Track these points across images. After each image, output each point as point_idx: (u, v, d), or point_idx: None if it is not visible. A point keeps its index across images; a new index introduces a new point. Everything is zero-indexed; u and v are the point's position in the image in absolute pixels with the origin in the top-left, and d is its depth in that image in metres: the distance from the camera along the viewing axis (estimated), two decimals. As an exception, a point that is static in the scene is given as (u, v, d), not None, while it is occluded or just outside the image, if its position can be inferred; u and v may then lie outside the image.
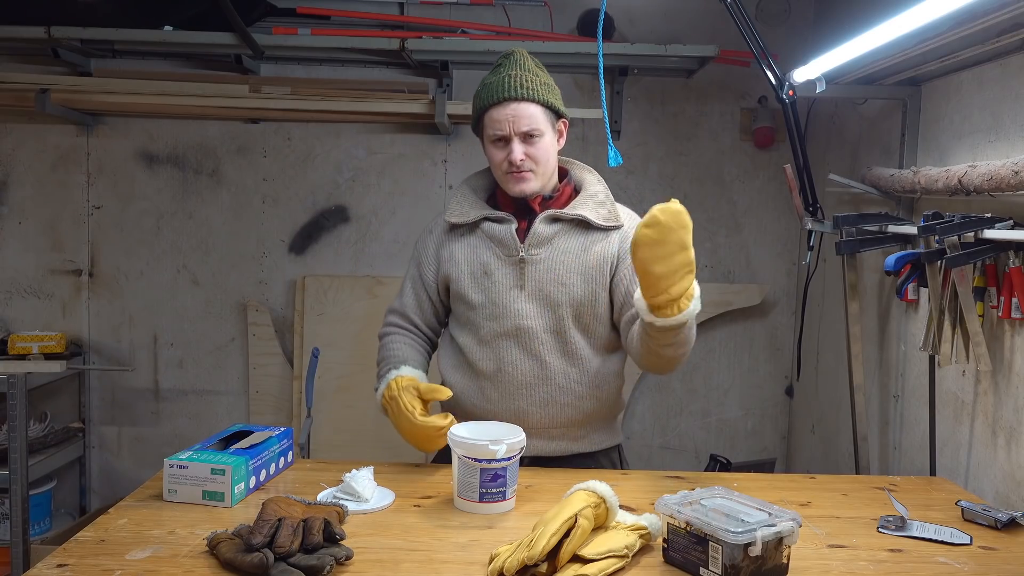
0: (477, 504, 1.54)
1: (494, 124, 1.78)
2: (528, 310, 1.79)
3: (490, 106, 1.77)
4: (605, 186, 1.90)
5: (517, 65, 1.80)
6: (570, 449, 1.86)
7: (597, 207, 1.84)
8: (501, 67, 1.81)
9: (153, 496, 1.58)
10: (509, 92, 1.76)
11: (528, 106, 1.77)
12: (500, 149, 1.79)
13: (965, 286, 1.87)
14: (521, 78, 1.78)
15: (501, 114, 1.76)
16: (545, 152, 1.80)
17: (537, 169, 1.80)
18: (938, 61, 2.16)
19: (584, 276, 1.80)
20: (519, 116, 1.76)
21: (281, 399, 3.38)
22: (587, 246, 1.81)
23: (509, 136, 1.77)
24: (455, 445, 1.55)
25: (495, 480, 1.53)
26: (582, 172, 1.94)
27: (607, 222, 1.82)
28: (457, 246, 1.86)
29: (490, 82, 1.80)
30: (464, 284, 1.84)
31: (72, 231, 3.39)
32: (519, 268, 1.80)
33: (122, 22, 3.02)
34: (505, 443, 1.52)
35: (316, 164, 3.40)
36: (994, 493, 1.89)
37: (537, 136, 1.78)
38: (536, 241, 1.80)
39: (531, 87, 1.77)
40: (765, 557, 1.25)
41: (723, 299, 3.38)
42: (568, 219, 1.82)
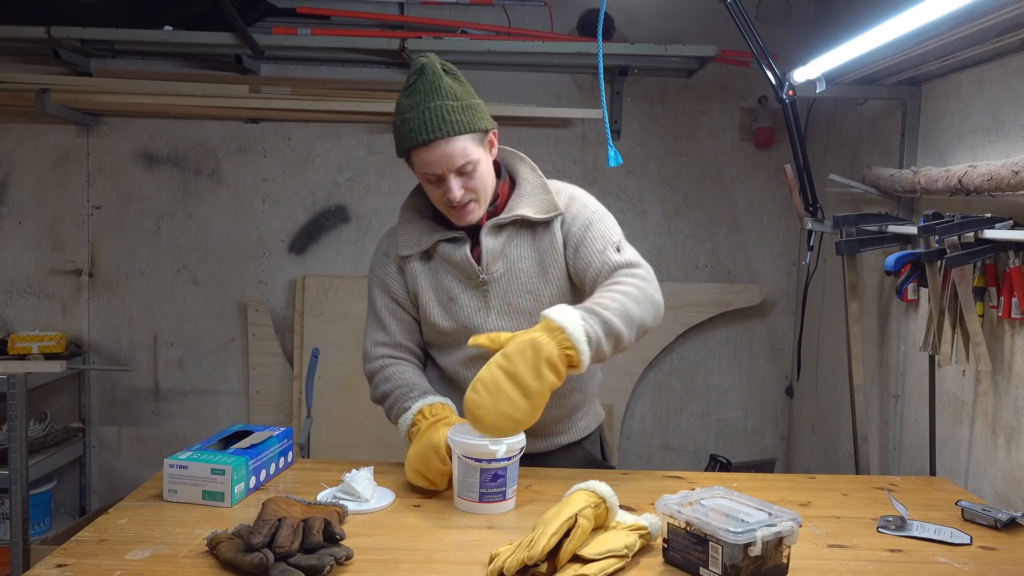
0: (477, 504, 1.53)
1: (424, 165, 1.65)
2: (500, 327, 1.74)
3: (415, 147, 1.64)
4: (537, 172, 1.79)
5: (433, 91, 1.63)
6: (557, 443, 1.87)
7: (534, 201, 1.74)
8: (415, 92, 1.65)
9: (153, 496, 1.58)
10: (434, 132, 1.61)
11: (456, 142, 1.63)
12: (436, 187, 1.68)
13: (965, 286, 1.87)
14: (442, 110, 1.62)
15: (430, 156, 1.63)
16: (484, 179, 1.69)
17: (479, 197, 1.69)
18: (938, 61, 2.16)
19: (545, 277, 1.75)
20: (450, 155, 1.63)
21: (281, 399, 3.38)
22: (537, 245, 1.75)
23: (443, 175, 1.65)
24: (455, 445, 1.53)
25: (495, 480, 1.53)
26: (516, 163, 1.82)
27: (547, 214, 1.73)
28: (419, 272, 1.79)
29: (410, 117, 1.63)
30: (433, 312, 1.78)
31: (72, 231, 3.39)
32: (482, 290, 1.75)
33: (122, 22, 3.02)
34: (505, 443, 1.52)
35: (316, 164, 3.40)
36: (994, 493, 1.89)
37: (472, 168, 1.66)
38: (491, 257, 1.73)
39: (455, 120, 1.63)
40: (765, 557, 1.25)
41: (723, 299, 3.38)
42: (509, 223, 1.74)
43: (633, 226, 3.39)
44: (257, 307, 3.37)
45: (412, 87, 1.66)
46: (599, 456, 1.97)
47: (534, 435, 1.82)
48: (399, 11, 3.28)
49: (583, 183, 3.40)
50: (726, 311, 3.39)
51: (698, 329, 3.42)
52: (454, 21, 3.23)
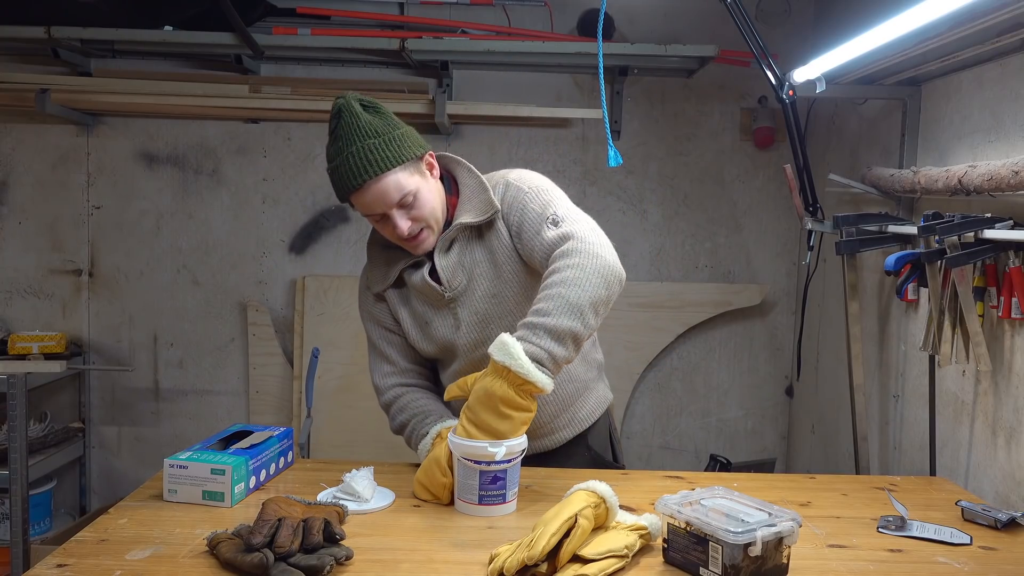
0: (476, 506, 1.53)
1: (365, 207, 1.64)
2: (476, 338, 1.73)
3: (350, 193, 1.62)
4: (475, 173, 1.74)
5: (353, 132, 1.60)
6: (564, 436, 1.85)
7: (474, 205, 1.71)
8: (337, 138, 1.62)
9: (153, 496, 1.58)
10: (362, 176, 1.59)
11: (387, 179, 1.60)
12: (383, 224, 1.67)
13: (965, 286, 1.87)
14: (365, 150, 1.59)
15: (365, 198, 1.61)
16: (427, 204, 1.66)
17: (429, 223, 1.67)
18: (938, 61, 2.16)
19: (503, 278, 1.71)
20: (385, 193, 1.60)
21: (281, 399, 3.38)
22: (487, 246, 1.71)
23: (385, 212, 1.63)
24: (455, 447, 1.53)
25: (494, 482, 1.53)
26: (454, 168, 1.79)
27: (485, 214, 1.69)
28: (395, 301, 1.80)
29: (336, 165, 1.62)
30: (414, 337, 1.79)
31: (72, 231, 3.39)
32: (450, 309, 1.74)
33: (122, 22, 3.02)
34: (504, 445, 1.51)
35: (316, 164, 3.40)
36: (994, 493, 1.89)
37: (412, 199, 1.63)
38: (449, 273, 1.71)
39: (380, 157, 1.60)
40: (765, 557, 1.25)
41: (723, 299, 3.38)
42: (456, 234, 1.71)
43: (633, 226, 3.39)
44: (257, 307, 3.37)
45: (334, 133, 1.63)
46: (608, 456, 1.94)
47: (534, 435, 1.81)
48: (399, 11, 3.28)
49: (583, 183, 3.43)
50: (726, 311, 3.39)
51: (698, 329, 3.42)
52: (454, 21, 3.23)
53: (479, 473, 1.52)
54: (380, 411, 1.85)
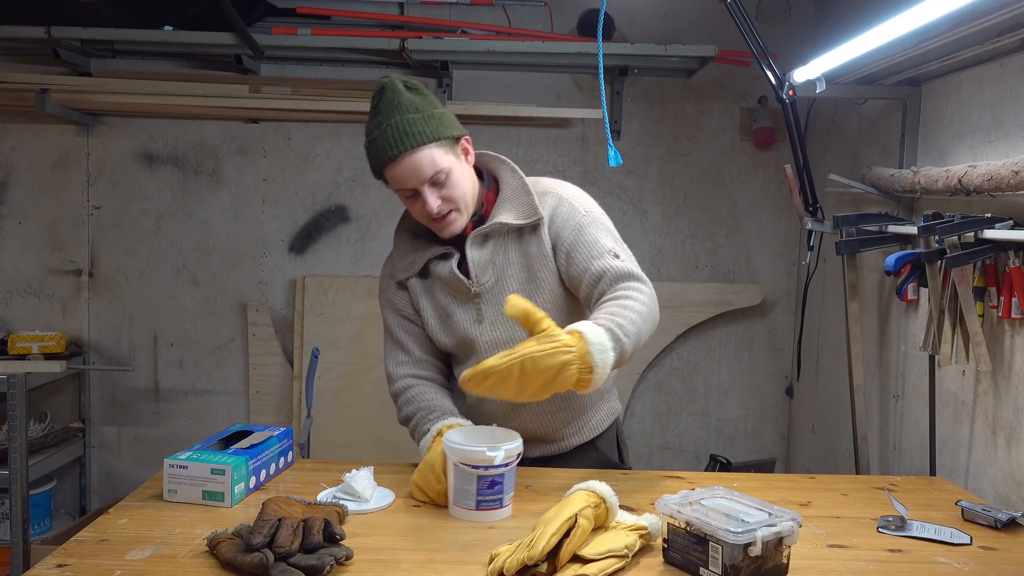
0: (474, 512, 1.51)
1: (396, 182, 1.65)
2: (497, 338, 1.72)
3: (385, 165, 1.64)
4: (519, 174, 1.75)
5: (393, 108, 1.64)
6: (572, 443, 1.85)
7: (515, 206, 1.71)
8: (377, 112, 1.67)
9: (153, 496, 1.58)
10: (399, 146, 1.61)
11: (423, 152, 1.61)
12: (414, 201, 1.67)
13: (965, 286, 1.87)
14: (402, 124, 1.62)
15: (398, 171, 1.63)
16: (460, 186, 1.66)
17: (458, 205, 1.66)
18: (938, 61, 2.16)
19: (535, 283, 1.71)
20: (419, 167, 1.62)
21: (281, 399, 3.38)
22: (524, 251, 1.71)
23: (418, 188, 1.64)
24: (451, 452, 1.50)
25: (492, 487, 1.50)
26: (496, 166, 1.78)
27: (528, 219, 1.69)
28: (418, 291, 1.78)
29: (374, 137, 1.66)
30: (434, 329, 1.78)
31: (72, 231, 3.39)
32: (475, 303, 1.73)
33: (122, 22, 3.02)
34: (503, 449, 1.49)
35: (316, 164, 3.40)
36: (994, 493, 1.89)
37: (445, 177, 1.64)
38: (479, 269, 1.71)
39: (416, 131, 1.62)
40: (765, 557, 1.25)
41: (723, 299, 3.38)
42: (492, 231, 1.71)
43: (633, 226, 3.39)
44: (257, 307, 3.37)
45: (375, 108, 1.67)
46: (615, 458, 1.94)
47: (545, 439, 1.82)
48: (399, 11, 3.28)
49: (583, 183, 3.39)
50: (726, 311, 3.39)
51: (698, 329, 3.42)
52: (454, 21, 3.23)
53: (477, 478, 1.49)
54: (380, 411, 1.86)
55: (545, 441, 1.82)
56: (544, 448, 1.83)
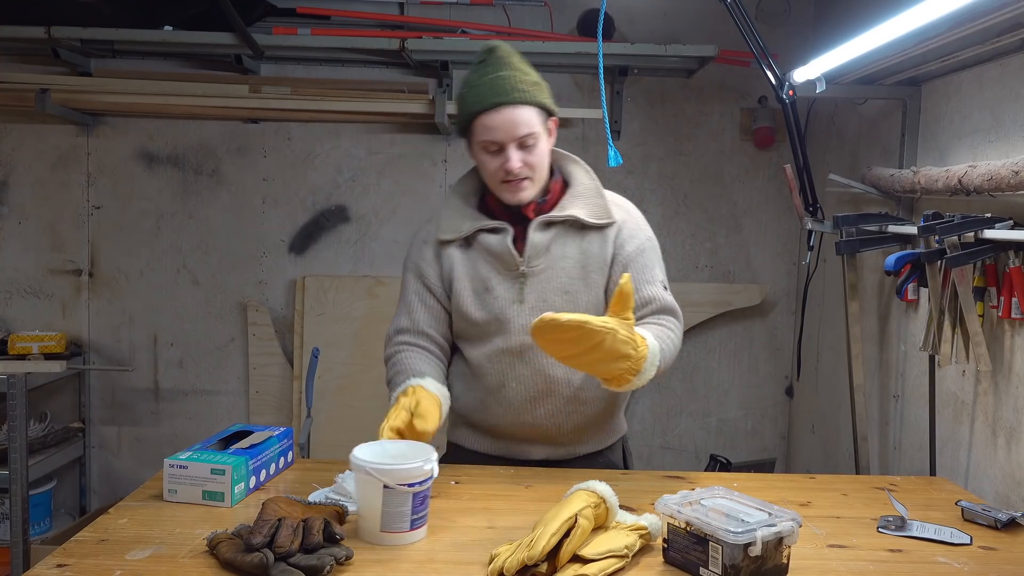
0: (407, 534, 1.38)
1: (487, 131, 1.65)
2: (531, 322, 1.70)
3: (482, 111, 1.65)
4: (593, 177, 1.80)
5: (503, 64, 1.67)
6: (576, 452, 1.84)
7: (588, 204, 1.75)
8: (486, 64, 1.68)
9: (153, 496, 1.58)
10: (503, 96, 1.64)
11: (523, 110, 1.65)
12: (494, 157, 1.67)
13: (965, 286, 1.87)
14: (512, 79, 1.65)
15: (495, 121, 1.64)
16: (542, 157, 1.70)
17: (534, 175, 1.69)
18: (938, 61, 2.16)
19: (586, 281, 1.74)
20: (515, 122, 1.64)
21: (281, 399, 3.38)
22: (584, 248, 1.74)
23: (504, 143, 1.65)
24: (381, 475, 1.34)
25: (424, 503, 1.40)
26: (569, 164, 1.83)
27: (599, 219, 1.74)
28: (456, 259, 1.76)
29: (478, 84, 1.67)
30: (465, 300, 1.75)
31: (72, 231, 3.39)
32: (520, 283, 1.73)
33: (122, 22, 3.03)
34: (433, 456, 1.41)
35: (316, 164, 3.40)
36: (994, 493, 1.89)
37: (533, 142, 1.67)
38: (534, 252, 1.72)
39: (524, 89, 1.66)
40: (765, 557, 1.25)
41: (723, 299, 3.38)
42: (560, 221, 1.74)
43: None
44: (257, 307, 3.37)
45: (482, 63, 1.70)
46: (620, 465, 1.93)
47: (552, 441, 1.81)
48: (399, 11, 3.28)
49: (583, 183, 3.42)
50: (726, 311, 3.39)
51: (698, 329, 3.42)
52: (454, 21, 3.23)
53: (412, 496, 1.37)
54: (380, 411, 1.84)
55: (552, 443, 1.81)
56: (550, 451, 1.82)
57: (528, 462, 1.81)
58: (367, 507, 1.38)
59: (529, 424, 1.77)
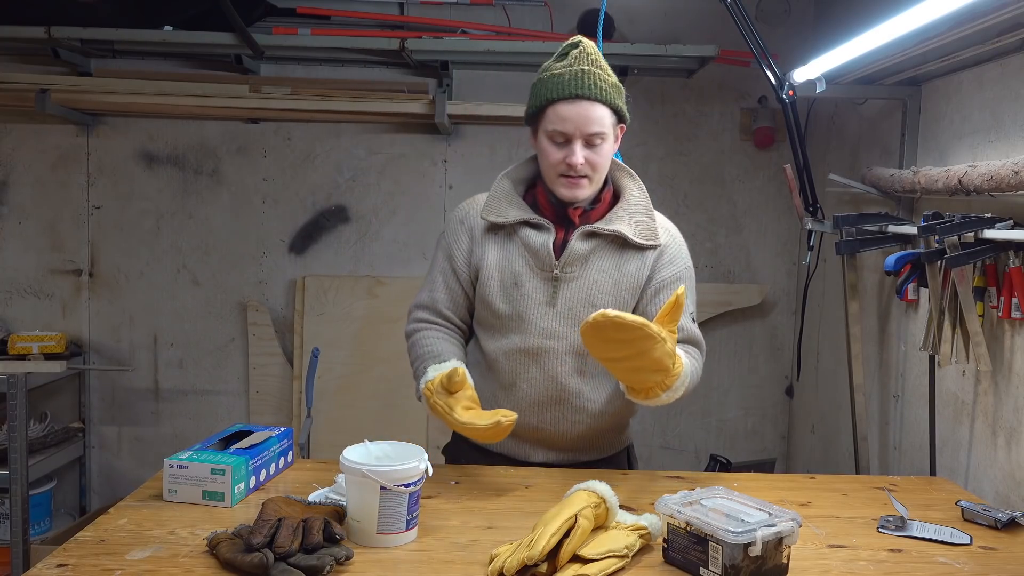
0: (403, 534, 1.38)
1: (559, 120, 1.64)
2: (554, 329, 1.70)
3: (558, 100, 1.64)
4: (645, 194, 1.79)
5: (589, 60, 1.67)
6: (578, 459, 1.82)
7: (636, 222, 1.73)
8: (570, 58, 1.67)
9: (153, 496, 1.58)
10: (583, 90, 1.63)
11: (599, 108, 1.65)
12: (559, 148, 1.66)
13: (965, 286, 1.87)
14: (596, 76, 1.65)
15: (570, 111, 1.63)
16: (605, 159, 1.69)
17: (594, 176, 1.68)
18: (938, 61, 2.16)
19: (616, 298, 1.71)
20: (589, 118, 1.64)
21: (281, 399, 3.38)
22: (621, 265, 1.72)
23: (573, 136, 1.64)
24: (378, 476, 1.34)
25: (417, 502, 1.40)
26: (624, 177, 1.81)
27: (645, 240, 1.72)
28: (490, 246, 1.74)
29: (560, 73, 1.65)
30: (492, 291, 1.73)
31: (72, 231, 3.39)
32: (552, 285, 1.70)
33: (122, 22, 3.03)
34: (424, 455, 1.41)
35: (316, 164, 3.40)
36: (994, 493, 1.89)
37: (601, 142, 1.66)
38: (572, 259, 1.70)
39: (605, 88, 1.66)
40: (765, 557, 1.25)
41: (723, 299, 3.38)
42: (605, 234, 1.71)
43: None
44: (257, 307, 3.37)
45: (566, 55, 1.69)
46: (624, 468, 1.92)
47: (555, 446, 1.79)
48: (399, 11, 3.28)
49: (583, 183, 3.42)
50: (726, 311, 3.39)
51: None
52: (454, 21, 3.23)
53: (408, 497, 1.37)
54: (380, 411, 1.86)
55: (555, 449, 1.79)
56: (551, 456, 1.80)
57: (528, 463, 1.80)
58: (362, 510, 1.37)
59: (534, 427, 1.76)
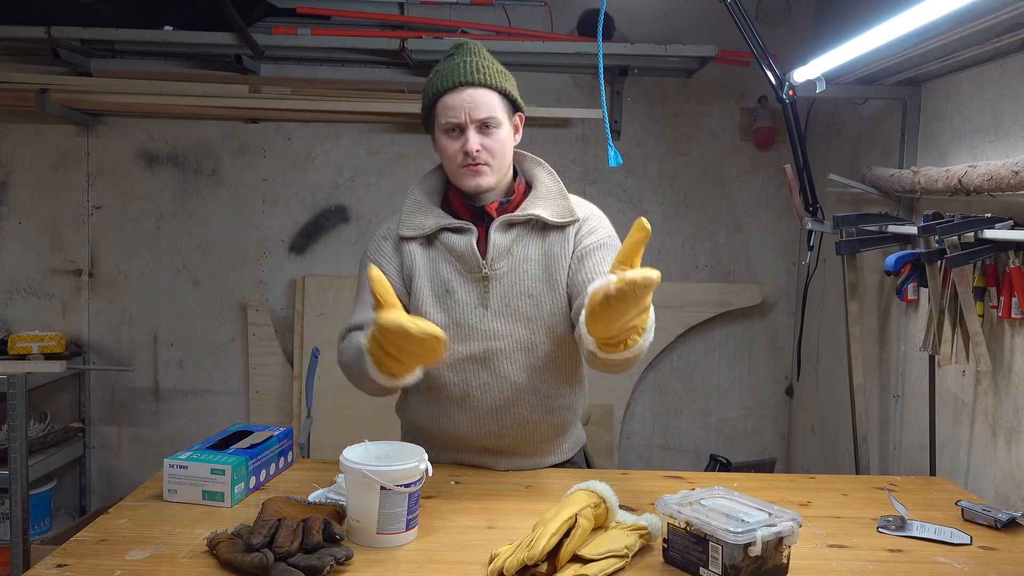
0: (403, 534, 1.39)
1: (448, 111, 1.64)
2: (497, 329, 1.67)
3: (443, 92, 1.65)
4: (556, 179, 1.77)
5: (471, 52, 1.69)
6: (543, 463, 1.80)
7: (550, 204, 1.71)
8: (454, 56, 1.70)
9: (153, 496, 1.58)
10: (464, 77, 1.64)
11: (485, 92, 1.65)
12: (454, 140, 1.65)
13: (965, 286, 1.87)
14: (476, 64, 1.66)
15: (456, 100, 1.64)
16: (502, 144, 1.67)
17: (493, 163, 1.66)
18: (938, 61, 2.16)
19: (550, 284, 1.68)
20: (476, 103, 1.64)
21: (281, 399, 3.38)
22: (546, 249, 1.69)
23: (464, 124, 1.64)
24: (378, 476, 1.34)
25: (417, 502, 1.40)
26: (532, 166, 1.79)
27: (562, 218, 1.70)
28: (416, 256, 1.71)
29: (442, 68, 1.67)
30: (425, 302, 1.69)
31: (72, 231, 3.39)
32: (482, 285, 1.67)
33: (122, 22, 3.03)
34: (424, 455, 1.41)
35: (316, 164, 3.40)
36: (994, 493, 1.89)
37: (494, 126, 1.65)
38: (497, 254, 1.67)
39: (488, 73, 1.66)
40: (765, 557, 1.25)
41: (723, 299, 3.38)
42: (522, 221, 1.69)
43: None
44: (257, 307, 3.37)
45: (451, 55, 1.71)
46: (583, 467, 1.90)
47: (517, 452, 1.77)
48: (399, 11, 3.28)
49: (583, 183, 3.42)
50: (726, 311, 3.39)
51: (698, 329, 3.42)
52: (454, 21, 3.23)
53: (408, 497, 1.37)
54: (380, 411, 1.85)
55: (519, 455, 1.77)
56: (516, 463, 1.78)
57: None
58: (362, 510, 1.37)
59: (495, 435, 1.73)
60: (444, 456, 1.78)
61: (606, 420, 3.34)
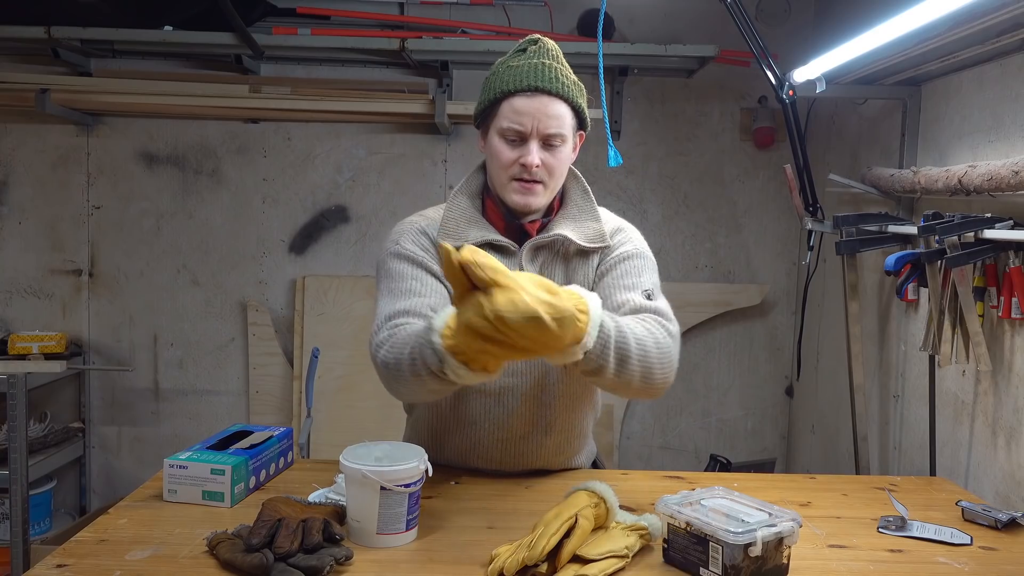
0: (403, 534, 1.38)
1: (514, 115, 1.47)
2: (516, 366, 1.57)
3: (514, 92, 1.47)
4: (591, 198, 1.63)
5: (550, 55, 1.51)
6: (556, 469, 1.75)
7: (580, 227, 1.57)
8: (529, 52, 1.51)
9: (153, 496, 1.58)
10: (542, 82, 1.46)
11: (559, 105, 1.48)
12: (512, 147, 1.49)
13: (965, 286, 1.87)
14: (556, 70, 1.48)
15: (527, 106, 1.47)
16: (562, 164, 1.52)
17: (549, 182, 1.51)
18: (938, 61, 2.16)
19: None
20: (547, 115, 1.47)
21: (281, 399, 3.38)
22: (570, 277, 1.58)
23: (529, 134, 1.48)
24: (378, 476, 1.32)
25: (417, 502, 1.39)
26: (569, 180, 1.64)
27: (591, 243, 1.57)
28: None
29: (517, 66, 1.49)
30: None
31: (72, 231, 3.39)
32: None
33: (122, 22, 3.03)
34: (424, 455, 1.39)
35: (316, 164, 3.40)
36: (994, 493, 1.89)
37: (559, 144, 1.50)
38: None
39: (566, 83, 1.48)
40: (765, 557, 1.25)
41: (723, 299, 3.38)
42: (547, 243, 1.57)
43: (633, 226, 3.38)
44: (257, 307, 3.37)
45: (524, 50, 1.52)
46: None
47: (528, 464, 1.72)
48: (399, 11, 3.28)
49: (583, 183, 3.42)
50: (726, 311, 3.39)
51: (698, 329, 3.42)
52: (454, 21, 3.23)
53: (407, 497, 1.36)
54: (380, 411, 1.85)
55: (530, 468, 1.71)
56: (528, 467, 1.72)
57: None
58: (362, 510, 1.36)
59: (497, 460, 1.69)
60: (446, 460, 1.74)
61: (606, 420, 3.34)
